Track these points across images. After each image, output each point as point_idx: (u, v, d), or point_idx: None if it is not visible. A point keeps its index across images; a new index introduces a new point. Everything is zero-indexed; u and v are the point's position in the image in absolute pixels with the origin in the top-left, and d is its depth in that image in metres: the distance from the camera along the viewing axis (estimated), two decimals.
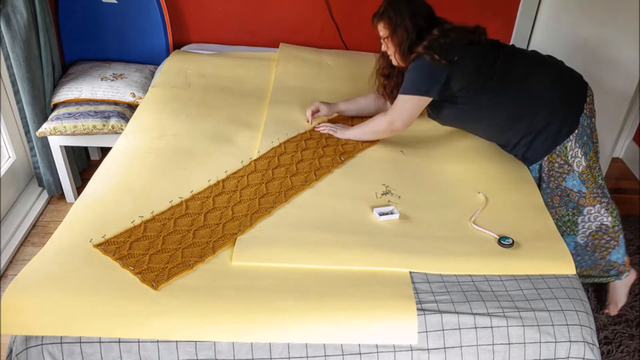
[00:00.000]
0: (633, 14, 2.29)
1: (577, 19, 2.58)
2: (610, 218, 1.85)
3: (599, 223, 1.85)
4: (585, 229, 1.87)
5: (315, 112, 2.05)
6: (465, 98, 1.78)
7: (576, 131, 1.77)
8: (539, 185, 1.89)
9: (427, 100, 1.78)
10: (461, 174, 1.82)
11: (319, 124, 2.04)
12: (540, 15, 2.81)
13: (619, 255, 1.90)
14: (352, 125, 1.99)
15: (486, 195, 1.72)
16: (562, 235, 1.72)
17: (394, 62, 1.86)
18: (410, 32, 1.75)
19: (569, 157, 1.80)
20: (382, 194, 1.70)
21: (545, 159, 1.83)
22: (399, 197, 1.69)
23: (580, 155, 1.80)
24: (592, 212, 1.84)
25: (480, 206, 1.67)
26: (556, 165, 1.82)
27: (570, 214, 1.87)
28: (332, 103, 2.09)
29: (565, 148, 1.79)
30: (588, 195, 1.83)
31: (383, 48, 1.86)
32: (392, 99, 1.95)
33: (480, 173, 1.83)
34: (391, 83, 1.97)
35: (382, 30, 1.81)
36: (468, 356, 1.30)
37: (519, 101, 1.77)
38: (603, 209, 1.84)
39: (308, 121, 2.05)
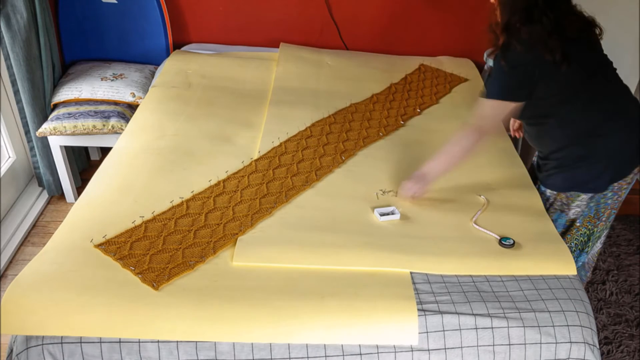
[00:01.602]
0: (633, 14, 2.29)
1: None
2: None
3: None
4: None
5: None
6: (546, 103, 1.58)
7: (599, 194, 1.66)
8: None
9: (515, 105, 1.56)
10: (462, 176, 1.82)
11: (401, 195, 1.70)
12: None
13: None
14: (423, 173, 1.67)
15: (487, 198, 1.72)
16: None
17: (496, 18, 1.57)
18: (518, 9, 1.47)
19: (573, 204, 1.70)
20: (383, 193, 1.70)
21: (554, 192, 1.73)
22: (391, 191, 1.69)
23: (580, 209, 1.71)
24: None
25: (481, 207, 1.67)
26: (559, 202, 1.73)
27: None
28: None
29: (578, 196, 1.68)
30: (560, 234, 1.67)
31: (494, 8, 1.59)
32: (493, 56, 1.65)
33: (481, 176, 1.83)
34: (496, 41, 1.61)
35: None
36: (468, 357, 1.30)
37: (586, 134, 1.60)
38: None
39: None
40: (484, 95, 1.59)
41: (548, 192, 1.75)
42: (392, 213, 1.60)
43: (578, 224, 1.74)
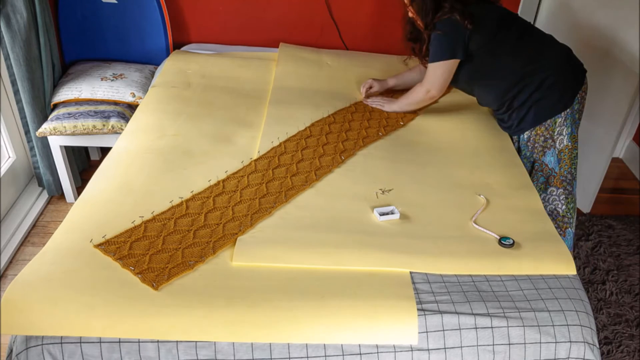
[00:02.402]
0: (633, 14, 2.29)
1: (576, 19, 2.58)
2: (564, 207, 1.96)
3: (553, 207, 1.96)
4: None
5: (369, 89, 2.24)
6: (480, 57, 1.89)
7: (569, 110, 1.90)
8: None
9: (455, 62, 1.89)
10: (462, 177, 1.82)
11: (368, 97, 2.23)
12: (540, 16, 2.81)
13: None
14: (397, 98, 2.16)
15: (486, 198, 1.72)
16: None
17: (419, 27, 1.95)
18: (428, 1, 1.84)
19: (555, 133, 1.93)
20: (382, 193, 1.70)
21: (532, 130, 1.95)
22: (391, 190, 1.70)
23: (564, 134, 1.92)
24: (554, 193, 1.97)
25: (481, 207, 1.68)
26: (541, 138, 1.95)
27: (537, 187, 1.97)
28: (383, 80, 2.28)
29: (555, 123, 1.92)
30: (558, 176, 1.96)
31: (409, 14, 1.96)
32: (426, 60, 2.02)
33: (481, 176, 1.83)
34: (421, 46, 2.01)
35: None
36: (468, 356, 1.30)
37: (527, 68, 1.88)
38: (563, 195, 1.96)
39: (363, 96, 2.25)
40: (429, 60, 1.92)
41: (526, 135, 1.98)
42: (392, 213, 1.60)
43: (570, 146, 1.94)
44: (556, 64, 1.90)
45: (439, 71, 1.92)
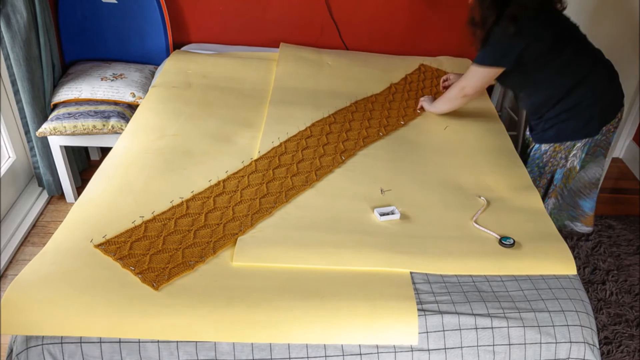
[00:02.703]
0: (633, 13, 2.29)
1: (576, 19, 2.58)
2: (548, 212, 1.99)
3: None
4: None
5: (445, 81, 2.30)
6: (530, 68, 1.85)
7: (591, 139, 1.90)
8: (525, 161, 2.04)
9: (498, 70, 1.87)
10: (462, 177, 1.82)
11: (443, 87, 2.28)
12: None
13: None
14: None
15: (487, 199, 1.72)
16: None
17: (476, 18, 1.89)
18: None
19: (570, 155, 1.93)
20: (383, 193, 1.70)
21: (552, 145, 1.94)
22: (389, 190, 1.70)
23: (577, 157, 1.93)
24: (547, 204, 2.05)
25: (482, 207, 1.68)
26: (558, 155, 1.95)
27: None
28: (461, 73, 2.18)
29: (574, 146, 1.91)
30: (557, 189, 2.01)
31: (470, 1, 1.91)
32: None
33: (481, 176, 1.83)
34: (481, 33, 1.92)
35: None
36: (468, 357, 1.30)
37: (570, 88, 1.85)
38: (551, 207, 2.05)
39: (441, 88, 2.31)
40: (474, 60, 1.89)
41: (543, 147, 1.97)
42: (392, 213, 1.60)
43: (577, 169, 1.96)
44: (595, 92, 1.86)
45: (479, 74, 1.90)
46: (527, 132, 2.07)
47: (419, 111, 2.18)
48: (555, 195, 2.03)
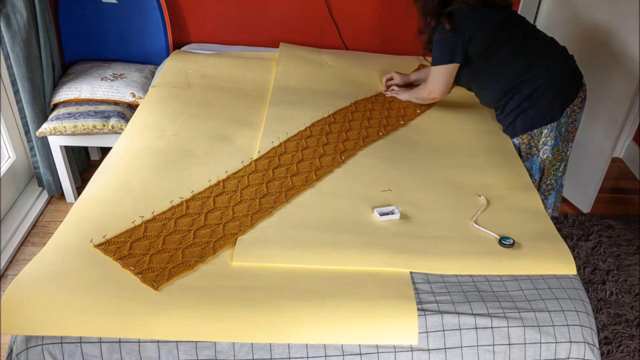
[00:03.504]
0: (633, 14, 2.29)
1: (577, 18, 2.58)
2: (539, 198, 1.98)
3: None
4: None
5: (389, 80, 2.35)
6: (478, 61, 1.94)
7: (555, 123, 1.94)
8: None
9: (455, 66, 1.96)
10: (462, 177, 1.82)
11: (388, 88, 2.33)
12: (540, 15, 2.81)
13: None
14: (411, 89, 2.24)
15: (487, 199, 1.72)
16: None
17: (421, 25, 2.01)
18: (429, 5, 1.91)
19: (540, 143, 1.98)
20: (384, 191, 1.70)
21: (520, 136, 1.99)
22: (388, 190, 1.71)
23: (548, 145, 1.97)
24: None
25: (481, 207, 1.68)
26: (526, 146, 2.01)
27: None
28: (405, 74, 2.37)
29: (541, 133, 1.96)
30: (536, 183, 2.04)
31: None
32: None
33: (481, 176, 1.83)
34: (426, 43, 2.06)
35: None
36: (468, 356, 1.30)
37: (521, 76, 1.91)
38: None
39: (383, 86, 2.36)
40: (431, 64, 2.00)
41: (515, 140, 2.02)
42: (392, 213, 1.60)
43: (551, 158, 2.00)
44: (550, 75, 1.91)
45: (439, 74, 1.99)
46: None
47: (392, 95, 2.29)
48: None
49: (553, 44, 1.96)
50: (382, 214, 1.59)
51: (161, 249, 1.42)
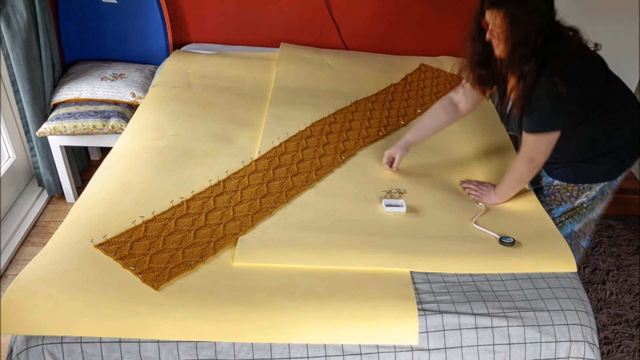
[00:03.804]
0: (633, 14, 2.29)
1: (576, 18, 2.58)
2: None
3: None
4: None
5: (391, 161, 1.82)
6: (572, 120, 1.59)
7: (607, 183, 1.72)
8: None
9: (558, 133, 1.56)
10: (462, 177, 1.82)
11: (463, 182, 1.78)
12: None
13: None
14: (496, 185, 1.73)
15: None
16: None
17: (497, 54, 1.55)
18: (532, 37, 1.43)
19: (583, 195, 1.73)
20: (388, 192, 1.70)
21: (563, 183, 1.74)
22: (404, 191, 1.70)
23: (587, 197, 1.74)
24: None
25: (481, 211, 1.68)
26: (567, 194, 1.75)
27: None
28: (400, 142, 1.84)
29: (591, 188, 1.72)
30: (554, 220, 1.77)
31: (487, 37, 1.52)
32: (485, 89, 1.72)
33: (482, 177, 1.83)
34: (489, 73, 1.64)
35: (495, 20, 1.46)
36: (469, 356, 1.30)
37: (606, 135, 1.65)
38: None
39: (387, 168, 1.84)
40: (532, 129, 1.57)
41: (556, 182, 1.75)
42: (398, 205, 1.61)
43: (586, 204, 1.75)
44: (626, 139, 1.67)
45: (544, 142, 1.56)
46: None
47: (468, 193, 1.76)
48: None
49: (633, 103, 1.69)
50: (388, 205, 1.60)
51: (161, 249, 1.42)
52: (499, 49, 1.53)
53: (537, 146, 1.58)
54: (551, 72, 1.45)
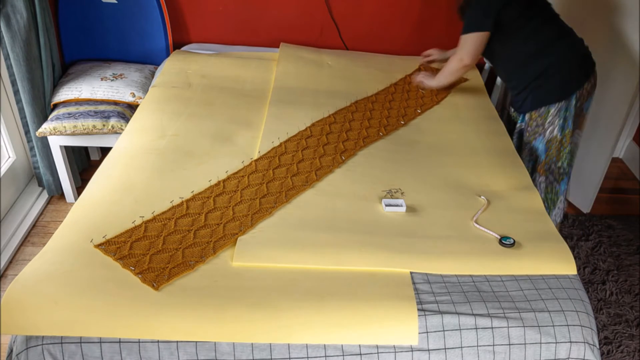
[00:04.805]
0: (633, 14, 2.29)
1: (576, 17, 2.58)
2: (542, 195, 2.11)
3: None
4: None
5: (427, 56, 2.45)
6: (497, 35, 2.00)
7: (564, 102, 1.99)
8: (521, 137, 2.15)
9: (486, 34, 1.98)
10: (462, 177, 1.82)
11: (420, 70, 2.35)
12: None
13: None
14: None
15: (487, 199, 1.72)
16: None
17: None
18: None
19: (546, 122, 2.03)
20: (387, 192, 1.70)
21: (528, 114, 2.07)
22: (402, 192, 1.70)
23: (556, 124, 2.02)
24: (537, 180, 2.13)
25: (482, 207, 1.68)
26: (534, 123, 2.06)
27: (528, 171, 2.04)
28: (444, 51, 2.46)
29: (548, 112, 2.02)
30: (543, 164, 2.09)
31: None
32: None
33: (482, 176, 1.83)
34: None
35: None
36: (468, 357, 1.30)
37: (535, 54, 1.99)
38: (544, 184, 2.13)
39: (422, 60, 2.49)
40: (462, 31, 2.01)
41: (526, 117, 2.08)
42: (398, 205, 1.61)
43: (560, 138, 2.04)
44: (563, 57, 1.98)
45: (470, 41, 2.01)
46: (511, 109, 2.20)
47: (418, 87, 2.31)
48: (544, 173, 2.10)
49: (570, 33, 2.03)
50: (388, 205, 1.60)
51: (161, 249, 1.42)
52: None
53: (465, 45, 2.02)
54: None
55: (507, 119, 2.28)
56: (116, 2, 2.56)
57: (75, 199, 2.52)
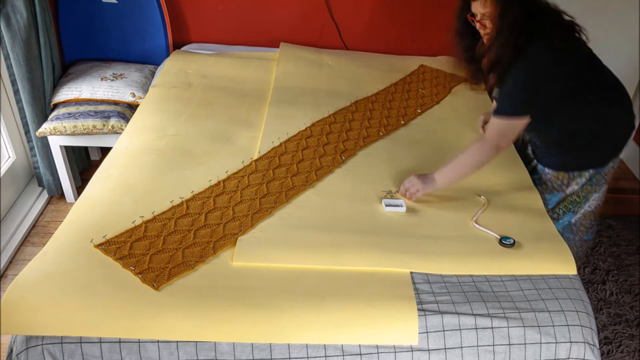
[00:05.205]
0: (633, 14, 2.29)
1: (577, 16, 2.58)
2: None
3: None
4: None
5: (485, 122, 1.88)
6: (552, 108, 1.59)
7: (596, 170, 1.72)
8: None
9: (526, 118, 1.55)
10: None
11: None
12: None
13: None
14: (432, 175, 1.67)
15: (487, 198, 1.72)
16: None
17: (486, 41, 1.56)
18: (523, 17, 1.44)
19: (573, 182, 1.75)
20: (388, 193, 1.70)
21: (554, 172, 1.77)
22: (396, 191, 1.70)
23: (579, 185, 1.75)
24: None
25: (482, 207, 1.68)
26: (558, 181, 1.78)
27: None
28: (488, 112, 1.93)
29: (580, 175, 1.73)
30: (548, 214, 1.73)
31: (479, 28, 1.54)
32: (474, 83, 1.74)
33: (482, 176, 1.82)
34: (484, 64, 1.62)
35: (484, 8, 1.48)
36: (468, 357, 1.30)
37: (591, 124, 1.66)
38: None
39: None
40: (498, 112, 1.57)
41: (547, 170, 1.79)
42: (398, 205, 1.61)
43: (577, 190, 1.77)
44: (615, 127, 1.69)
45: (511, 126, 1.56)
46: (529, 148, 1.92)
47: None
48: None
49: (620, 92, 1.69)
50: (388, 205, 1.60)
51: (161, 249, 1.42)
52: (487, 36, 1.56)
53: (502, 131, 1.57)
54: (526, 60, 1.49)
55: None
56: (116, 2, 2.56)
57: (75, 199, 2.52)
